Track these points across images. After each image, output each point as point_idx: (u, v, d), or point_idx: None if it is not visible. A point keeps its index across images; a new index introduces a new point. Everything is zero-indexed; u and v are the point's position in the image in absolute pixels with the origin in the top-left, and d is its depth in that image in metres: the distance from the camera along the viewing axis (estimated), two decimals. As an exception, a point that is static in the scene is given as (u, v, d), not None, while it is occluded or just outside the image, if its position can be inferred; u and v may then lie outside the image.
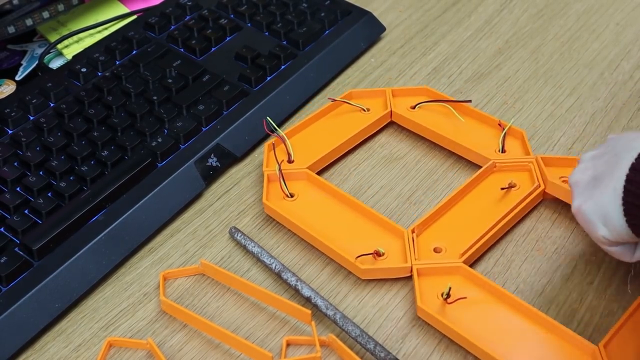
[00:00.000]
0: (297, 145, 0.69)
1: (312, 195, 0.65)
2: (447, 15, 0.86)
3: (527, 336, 0.55)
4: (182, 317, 0.58)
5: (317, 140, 0.70)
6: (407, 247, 0.60)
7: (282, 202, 0.65)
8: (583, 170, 0.55)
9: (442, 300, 0.57)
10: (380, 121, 0.72)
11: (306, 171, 0.66)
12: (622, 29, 0.82)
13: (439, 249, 0.60)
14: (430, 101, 0.72)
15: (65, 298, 0.59)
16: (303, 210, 0.64)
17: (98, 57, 0.76)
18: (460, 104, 0.71)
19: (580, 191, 0.54)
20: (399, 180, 0.68)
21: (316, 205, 0.65)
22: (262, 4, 0.82)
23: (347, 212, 0.64)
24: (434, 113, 0.71)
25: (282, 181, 0.65)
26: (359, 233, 0.62)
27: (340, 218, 0.63)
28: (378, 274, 0.59)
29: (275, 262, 0.61)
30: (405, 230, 0.61)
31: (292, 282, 0.59)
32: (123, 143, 0.68)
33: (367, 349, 0.55)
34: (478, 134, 0.69)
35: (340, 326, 0.56)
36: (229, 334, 0.56)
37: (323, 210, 0.64)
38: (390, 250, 0.60)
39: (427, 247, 0.60)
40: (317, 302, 0.57)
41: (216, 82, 0.73)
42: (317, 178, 0.66)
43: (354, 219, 0.63)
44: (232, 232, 0.64)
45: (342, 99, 0.72)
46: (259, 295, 0.59)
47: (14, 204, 0.63)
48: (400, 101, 0.73)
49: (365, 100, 0.73)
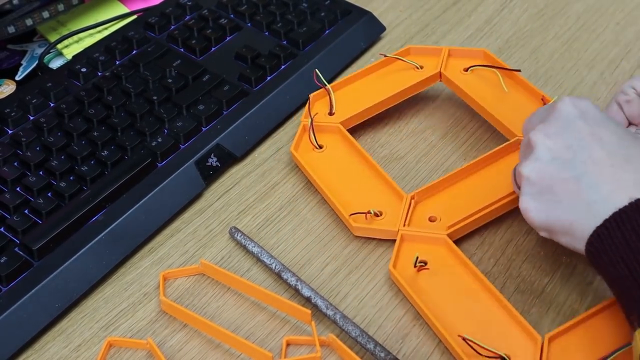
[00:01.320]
0: (342, 99, 0.71)
1: (338, 150, 0.68)
2: (447, 14, 0.86)
3: (484, 316, 0.55)
4: (182, 317, 0.58)
5: (361, 96, 0.71)
6: (401, 211, 0.61)
7: (310, 152, 0.68)
8: (539, 170, 0.52)
9: (414, 270, 0.58)
10: (427, 81, 0.72)
11: (338, 125, 0.68)
12: (622, 28, 0.82)
13: (434, 218, 0.61)
14: (482, 65, 0.71)
15: (65, 298, 0.59)
16: (325, 163, 0.66)
17: (98, 57, 0.76)
18: (511, 72, 0.70)
19: (531, 192, 0.52)
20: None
21: (338, 160, 0.67)
22: (262, 4, 0.82)
23: (363, 170, 0.66)
24: (484, 79, 0.71)
25: (312, 133, 0.67)
26: (365, 192, 0.64)
27: (355, 175, 0.65)
28: (368, 233, 0.62)
29: (275, 262, 0.61)
30: (406, 195, 0.62)
31: (292, 282, 0.59)
32: (123, 143, 0.68)
33: (367, 349, 0.55)
34: (518, 106, 0.68)
35: (340, 326, 0.56)
36: (229, 334, 0.56)
37: (342, 165, 0.66)
38: (388, 213, 0.62)
39: (424, 215, 0.61)
40: (317, 302, 0.57)
41: (216, 82, 0.73)
42: (345, 133, 0.68)
43: (367, 177, 0.65)
44: (232, 232, 0.64)
45: (396, 55, 0.73)
46: (259, 295, 0.59)
47: (14, 204, 0.63)
48: (455, 62, 0.73)
49: (421, 57, 0.73)
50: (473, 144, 0.70)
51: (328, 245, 0.63)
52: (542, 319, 0.57)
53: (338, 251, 0.63)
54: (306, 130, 0.69)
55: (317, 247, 0.63)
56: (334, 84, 0.71)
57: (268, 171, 0.70)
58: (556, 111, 0.53)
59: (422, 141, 0.71)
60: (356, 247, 0.63)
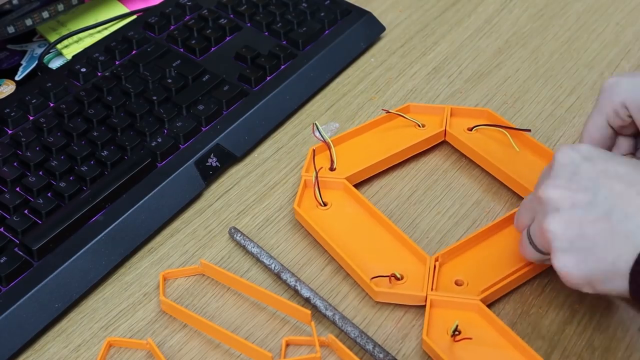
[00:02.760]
0: (343, 154, 0.67)
1: (345, 207, 0.64)
2: (447, 14, 0.86)
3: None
4: (182, 317, 0.58)
5: (364, 151, 0.68)
6: (427, 275, 0.58)
7: (314, 209, 0.64)
8: (564, 221, 0.49)
9: (449, 337, 0.55)
10: (432, 139, 0.69)
11: (343, 181, 0.65)
12: (622, 28, 0.82)
13: (461, 281, 0.58)
14: (489, 125, 0.68)
15: (65, 298, 0.59)
16: (333, 221, 0.63)
17: (98, 57, 0.76)
18: (518, 132, 0.67)
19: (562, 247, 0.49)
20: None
21: (347, 217, 0.63)
22: (262, 4, 0.82)
23: (376, 229, 0.62)
24: (490, 138, 0.68)
25: (317, 190, 0.64)
26: (382, 253, 0.60)
27: (368, 234, 0.62)
28: (392, 299, 0.58)
29: (274, 263, 0.61)
30: (429, 257, 0.59)
31: (291, 282, 0.59)
32: (123, 143, 0.68)
33: (366, 349, 0.55)
34: (530, 166, 0.65)
35: (340, 327, 0.56)
36: (228, 334, 0.56)
37: (353, 224, 0.63)
38: (410, 276, 0.58)
39: (449, 278, 0.58)
40: (316, 303, 0.58)
41: (216, 82, 0.73)
42: (353, 190, 0.64)
43: (381, 237, 0.62)
44: (232, 233, 0.64)
45: (397, 112, 0.70)
46: (259, 295, 0.59)
47: (14, 204, 0.63)
48: (458, 121, 0.70)
49: (422, 116, 0.71)
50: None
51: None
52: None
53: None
54: (308, 186, 0.65)
55: (316, 247, 0.63)
56: (334, 138, 0.68)
57: (268, 171, 0.70)
58: (557, 162, 0.52)
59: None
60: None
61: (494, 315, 0.55)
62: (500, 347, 0.54)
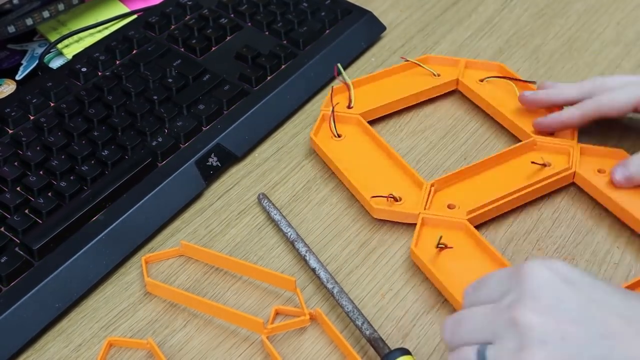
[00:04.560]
0: (360, 95, 0.72)
1: (356, 139, 0.70)
2: (448, 14, 0.86)
3: None
4: (169, 296, 0.59)
5: (380, 93, 0.73)
6: (422, 197, 0.63)
7: (329, 140, 0.69)
8: (554, 357, 0.41)
9: (436, 251, 0.60)
10: (444, 86, 0.74)
11: (358, 117, 0.71)
12: (622, 28, 0.82)
13: (453, 205, 0.63)
14: (497, 77, 0.73)
15: (65, 298, 0.59)
16: (343, 151, 0.68)
17: (98, 56, 0.76)
18: (525, 83, 0.72)
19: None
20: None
21: (357, 148, 0.69)
22: (263, 4, 0.82)
23: (382, 159, 0.68)
24: (500, 89, 0.73)
25: (333, 121, 0.70)
26: (385, 178, 0.66)
27: (374, 163, 0.67)
28: (388, 216, 0.63)
29: (291, 231, 0.63)
30: (426, 182, 0.64)
31: (302, 251, 0.61)
32: (123, 143, 0.68)
33: (356, 325, 0.56)
34: (532, 114, 0.70)
35: (336, 300, 0.57)
36: (218, 306, 0.57)
37: (362, 153, 0.68)
38: (407, 199, 0.63)
39: (442, 202, 0.63)
40: (320, 274, 0.59)
41: (216, 82, 0.73)
42: (365, 124, 0.70)
43: (386, 165, 0.67)
44: (260, 198, 0.66)
45: (416, 61, 0.75)
46: (244, 269, 0.60)
47: (15, 204, 0.63)
48: (471, 73, 0.75)
49: (439, 66, 0.76)
50: (472, 144, 0.70)
51: (328, 246, 0.63)
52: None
53: (338, 252, 0.63)
54: (325, 120, 0.71)
55: (316, 248, 0.63)
56: (354, 80, 0.73)
57: (268, 171, 0.70)
58: (532, 281, 0.44)
59: (423, 140, 0.71)
60: (356, 247, 0.63)
61: (477, 232, 0.60)
62: (478, 259, 0.59)
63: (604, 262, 0.60)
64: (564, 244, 0.62)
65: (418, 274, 0.60)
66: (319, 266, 0.60)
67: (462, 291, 0.50)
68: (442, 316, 0.58)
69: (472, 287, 0.49)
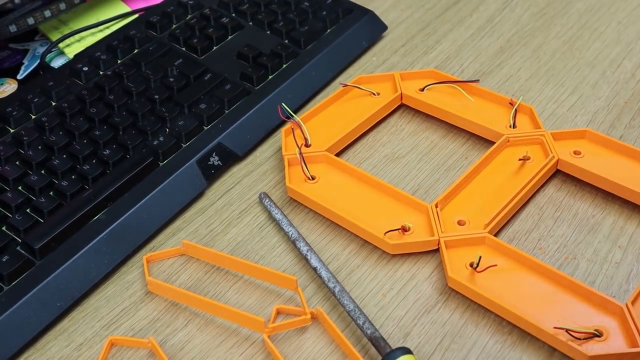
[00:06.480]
0: (313, 130, 0.70)
1: (333, 177, 0.67)
2: (449, 14, 0.86)
3: (556, 299, 0.57)
4: (170, 295, 0.59)
5: (332, 124, 0.71)
6: (432, 221, 0.61)
7: (305, 184, 0.66)
8: None
9: (470, 270, 0.58)
10: (391, 104, 0.73)
11: (325, 153, 0.68)
12: (624, 27, 0.82)
13: (463, 221, 0.62)
14: (439, 83, 0.73)
15: (66, 297, 0.59)
16: (326, 192, 0.65)
17: (99, 56, 0.76)
18: (468, 84, 0.73)
19: None
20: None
21: (338, 186, 0.66)
22: (264, 3, 0.82)
23: (370, 190, 0.65)
24: (443, 94, 0.73)
25: (304, 164, 0.66)
26: (383, 210, 0.63)
27: (363, 197, 0.65)
28: (406, 248, 0.61)
29: (292, 230, 0.62)
30: (429, 205, 0.62)
31: (303, 251, 0.61)
32: (125, 142, 0.68)
33: (357, 324, 0.56)
34: (488, 111, 0.71)
35: (338, 299, 0.57)
36: (219, 305, 0.57)
37: (345, 190, 0.65)
38: (415, 226, 0.62)
39: (451, 220, 0.62)
40: (321, 274, 0.59)
41: (218, 81, 0.73)
42: (337, 160, 0.67)
43: (377, 197, 0.65)
44: (262, 197, 0.66)
45: (353, 84, 0.74)
46: (246, 268, 0.60)
47: (16, 203, 0.63)
48: (409, 84, 0.74)
49: (375, 84, 0.75)
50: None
51: (328, 246, 0.63)
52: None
53: (338, 252, 0.63)
54: (292, 164, 0.67)
55: (316, 248, 0.63)
56: (300, 117, 0.70)
57: (269, 170, 0.70)
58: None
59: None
60: (357, 246, 0.63)
61: (505, 243, 0.60)
62: (516, 270, 0.59)
63: (605, 261, 0.61)
64: (565, 243, 0.62)
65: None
66: (320, 265, 0.60)
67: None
68: (443, 315, 0.58)
69: None
